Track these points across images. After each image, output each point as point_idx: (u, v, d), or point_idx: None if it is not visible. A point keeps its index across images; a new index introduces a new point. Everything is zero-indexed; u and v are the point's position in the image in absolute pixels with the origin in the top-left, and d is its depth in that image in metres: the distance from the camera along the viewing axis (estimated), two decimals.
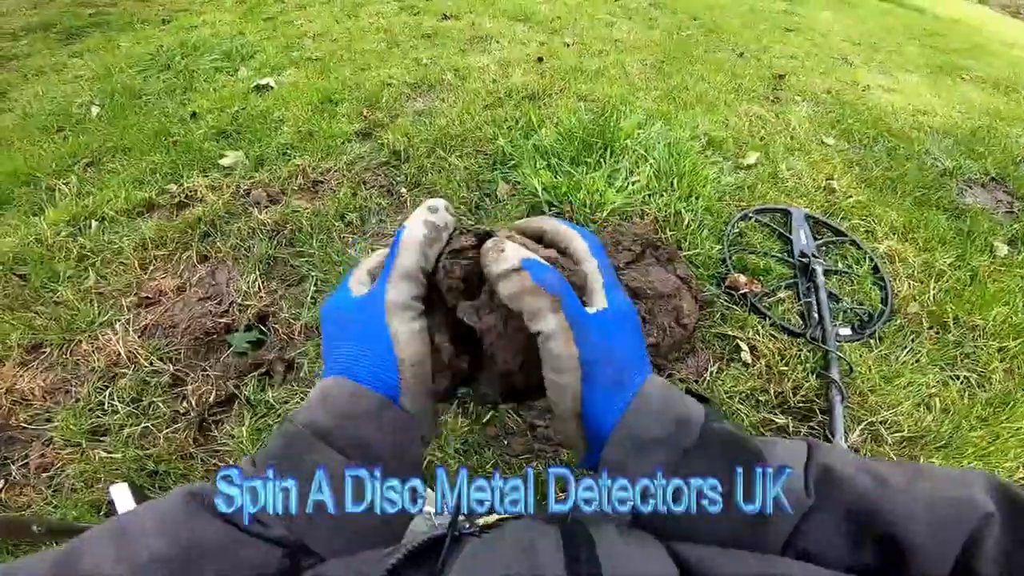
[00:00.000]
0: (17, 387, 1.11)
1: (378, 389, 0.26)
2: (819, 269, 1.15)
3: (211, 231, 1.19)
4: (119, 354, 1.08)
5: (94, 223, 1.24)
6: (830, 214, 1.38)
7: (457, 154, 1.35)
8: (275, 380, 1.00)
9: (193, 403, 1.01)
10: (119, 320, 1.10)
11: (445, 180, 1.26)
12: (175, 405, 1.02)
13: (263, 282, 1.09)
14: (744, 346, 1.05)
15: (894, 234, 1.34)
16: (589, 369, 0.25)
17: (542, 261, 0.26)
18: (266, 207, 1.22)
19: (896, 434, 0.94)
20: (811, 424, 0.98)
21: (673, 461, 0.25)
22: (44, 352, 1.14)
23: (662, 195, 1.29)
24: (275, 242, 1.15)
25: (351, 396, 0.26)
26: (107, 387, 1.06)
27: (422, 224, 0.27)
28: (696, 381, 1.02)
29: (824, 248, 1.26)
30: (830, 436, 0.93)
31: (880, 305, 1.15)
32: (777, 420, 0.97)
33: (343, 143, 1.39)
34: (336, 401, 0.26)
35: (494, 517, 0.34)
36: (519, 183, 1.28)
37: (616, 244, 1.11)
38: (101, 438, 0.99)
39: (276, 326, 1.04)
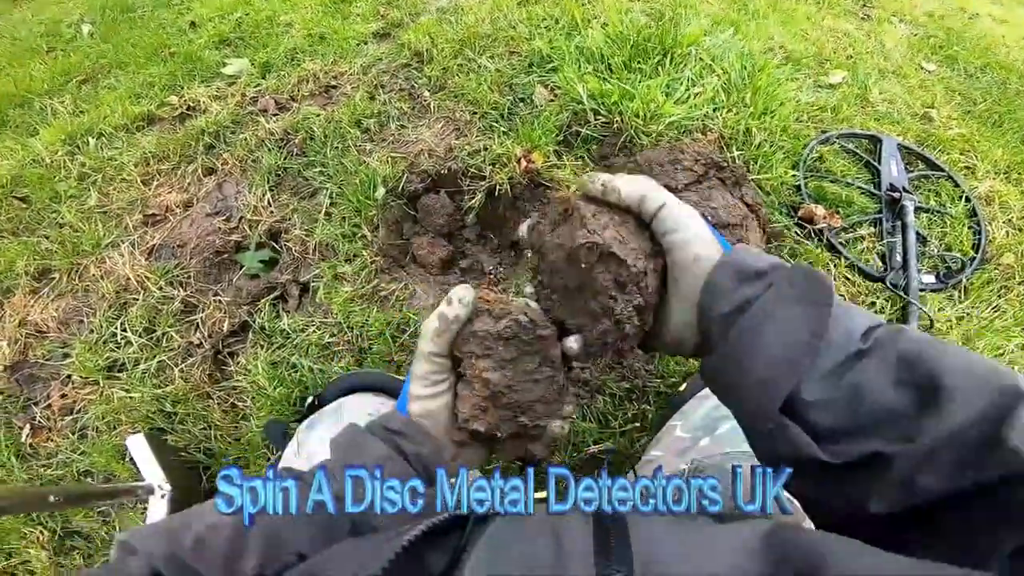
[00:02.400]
0: (30, 318, 1.04)
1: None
2: (910, 206, 0.96)
3: (216, 143, 1.06)
4: (128, 279, 0.99)
5: (91, 140, 1.14)
6: (926, 145, 1.17)
7: (487, 55, 1.15)
8: (290, 305, 0.89)
9: (206, 333, 0.91)
10: (125, 241, 1.01)
11: (474, 83, 1.07)
12: (188, 336, 0.93)
13: (273, 196, 0.96)
14: None
15: (997, 173, 1.14)
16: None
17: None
18: (274, 115, 1.07)
19: None
20: None
21: (759, 294, 0.27)
22: (53, 278, 1.06)
23: (730, 110, 1.07)
24: (285, 152, 1.01)
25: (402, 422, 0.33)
26: (118, 316, 0.98)
27: (435, 318, 0.32)
28: None
29: (916, 182, 1.07)
30: None
31: (971, 252, 0.97)
32: None
33: (358, 45, 1.21)
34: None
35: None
36: (559, 88, 1.08)
37: (674, 162, 0.91)
38: (118, 374, 0.92)
39: (289, 244, 0.92)
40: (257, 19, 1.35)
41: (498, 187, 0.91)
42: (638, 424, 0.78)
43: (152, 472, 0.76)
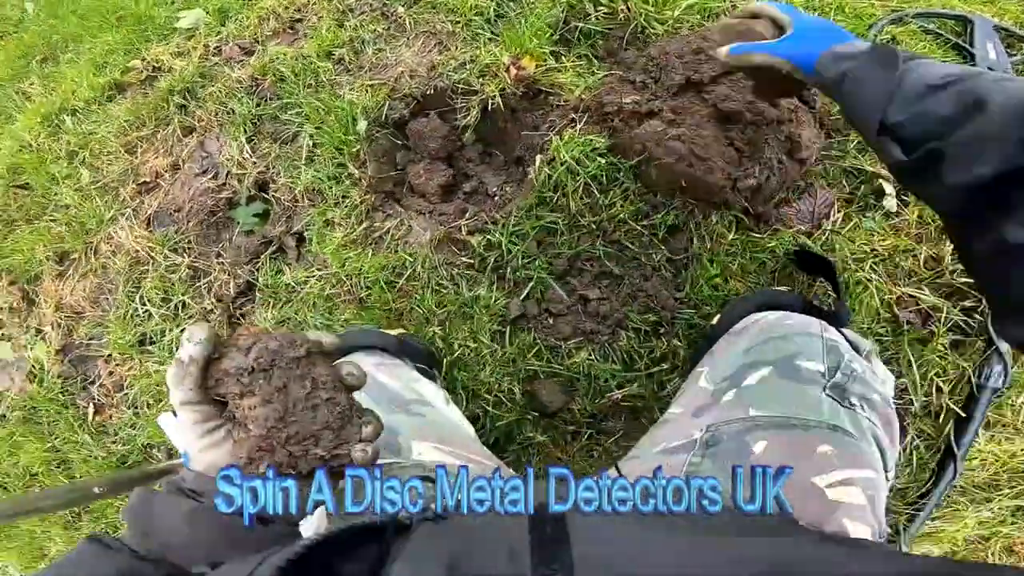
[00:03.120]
0: (64, 301, 1.08)
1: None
2: None
3: (187, 101, 1.00)
4: (137, 251, 0.99)
5: (67, 118, 1.11)
6: None
7: None
8: (290, 258, 0.86)
9: (215, 299, 0.91)
10: (123, 214, 1.00)
11: None
12: (202, 301, 0.93)
13: (253, 145, 0.91)
14: (889, 188, 0.73)
15: None
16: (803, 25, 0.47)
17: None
18: (240, 62, 0.99)
19: None
20: (966, 305, 0.69)
21: (856, 66, 0.39)
22: (73, 259, 1.08)
23: None
24: (257, 98, 0.94)
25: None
26: (137, 289, 0.99)
27: (173, 364, 0.30)
28: (809, 235, 0.73)
29: (1021, 67, 0.89)
30: (994, 331, 0.67)
31: None
32: (923, 298, 0.69)
33: None
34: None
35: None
36: None
37: (697, 52, 0.75)
38: (149, 348, 0.95)
39: (277, 194, 0.88)
40: None
41: (490, 101, 0.81)
42: (667, 365, 0.71)
43: None
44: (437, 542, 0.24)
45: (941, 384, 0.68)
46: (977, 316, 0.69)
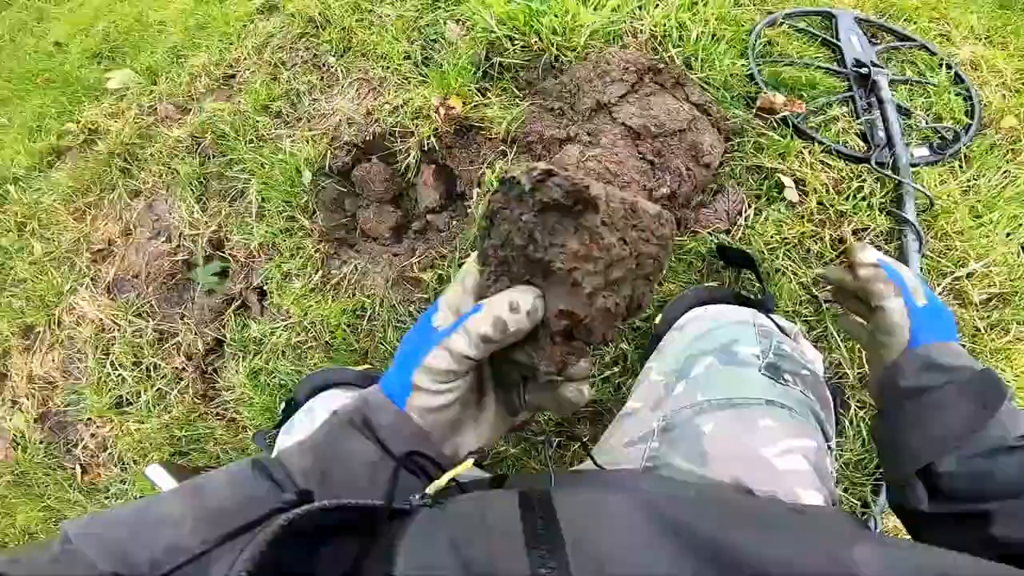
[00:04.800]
0: (35, 373, 1.09)
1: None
2: (882, 80, 0.87)
3: (129, 164, 1.01)
4: (101, 320, 1.01)
5: (11, 187, 1.10)
6: (887, 16, 1.04)
7: (387, 2, 1.01)
8: (254, 312, 0.90)
9: (185, 358, 0.94)
10: (82, 285, 1.01)
11: (378, 37, 0.96)
12: (172, 361, 0.96)
13: (202, 205, 0.93)
14: (788, 181, 0.79)
15: (977, 39, 1.01)
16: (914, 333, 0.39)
17: (890, 262, 0.42)
18: (177, 120, 1.00)
19: (985, 291, 0.73)
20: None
21: (939, 386, 0.34)
22: (37, 332, 1.09)
23: (656, 6, 0.93)
24: (200, 157, 0.96)
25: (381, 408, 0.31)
26: (107, 356, 1.01)
27: (491, 321, 0.28)
28: (728, 232, 0.80)
29: (886, 55, 0.97)
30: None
31: (965, 119, 0.89)
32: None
33: (244, 26, 1.08)
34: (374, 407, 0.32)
35: (445, 479, 0.30)
36: (470, 20, 0.95)
37: (602, 76, 0.81)
38: (127, 409, 0.97)
39: (233, 252, 0.90)
40: (124, 25, 1.21)
41: (425, 142, 0.85)
42: (618, 368, 0.76)
43: None
44: (435, 528, 0.23)
45: None
46: None
